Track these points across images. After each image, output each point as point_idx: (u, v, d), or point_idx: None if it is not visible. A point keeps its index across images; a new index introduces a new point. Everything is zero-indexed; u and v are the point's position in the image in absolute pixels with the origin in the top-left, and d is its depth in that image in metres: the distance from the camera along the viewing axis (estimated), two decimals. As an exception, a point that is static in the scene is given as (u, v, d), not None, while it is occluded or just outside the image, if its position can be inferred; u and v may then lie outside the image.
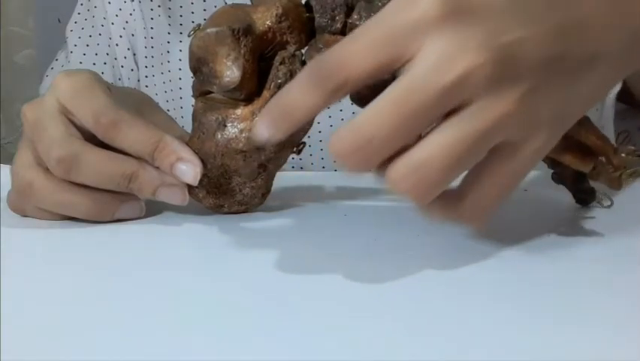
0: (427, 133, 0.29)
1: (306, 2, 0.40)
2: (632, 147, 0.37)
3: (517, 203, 0.46)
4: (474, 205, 0.31)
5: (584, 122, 0.37)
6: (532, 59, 0.29)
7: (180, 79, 0.69)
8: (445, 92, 0.28)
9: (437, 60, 0.28)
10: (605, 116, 0.70)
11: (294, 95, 0.30)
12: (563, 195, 0.44)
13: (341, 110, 0.67)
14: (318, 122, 0.42)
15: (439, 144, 0.29)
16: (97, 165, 0.39)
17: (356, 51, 0.29)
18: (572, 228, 0.40)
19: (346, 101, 0.38)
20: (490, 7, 0.29)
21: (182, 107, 0.69)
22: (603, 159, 0.38)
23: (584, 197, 0.44)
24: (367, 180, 0.54)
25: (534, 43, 0.29)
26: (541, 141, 0.31)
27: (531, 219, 0.42)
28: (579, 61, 0.31)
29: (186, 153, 0.39)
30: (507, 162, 0.31)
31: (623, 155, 0.37)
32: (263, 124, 0.31)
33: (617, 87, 0.65)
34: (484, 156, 0.30)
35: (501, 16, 0.29)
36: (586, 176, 0.42)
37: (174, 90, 0.70)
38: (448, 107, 0.29)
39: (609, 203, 0.43)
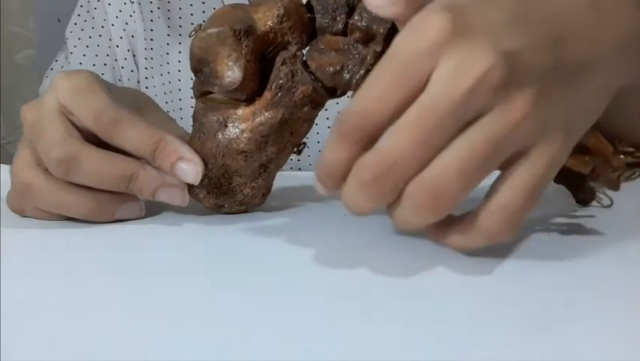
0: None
1: (307, 3, 0.40)
2: (631, 149, 0.37)
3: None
4: (501, 217, 0.31)
5: None
6: (534, 66, 0.30)
7: (180, 80, 0.69)
8: (459, 104, 0.29)
9: (450, 75, 0.29)
10: None
11: (327, 156, 0.32)
12: (563, 195, 0.44)
13: (339, 113, 0.68)
14: (317, 124, 0.42)
15: (452, 156, 0.29)
16: (96, 166, 0.39)
17: (374, 96, 0.30)
18: (572, 228, 0.40)
19: (344, 103, 0.38)
20: (492, 21, 0.30)
21: (181, 109, 0.69)
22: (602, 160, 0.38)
23: (584, 197, 0.44)
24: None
25: (534, 51, 0.30)
26: (558, 145, 0.31)
27: (531, 219, 0.42)
28: (573, 70, 0.32)
29: (187, 152, 0.39)
30: (527, 168, 0.31)
31: (621, 156, 0.37)
32: (317, 185, 0.34)
33: None
34: (498, 164, 0.31)
35: (502, 28, 0.30)
36: (586, 176, 0.43)
37: (173, 91, 0.70)
38: (464, 120, 0.30)
39: (609, 203, 0.43)
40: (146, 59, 0.70)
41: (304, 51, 0.39)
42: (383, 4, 0.32)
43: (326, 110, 0.69)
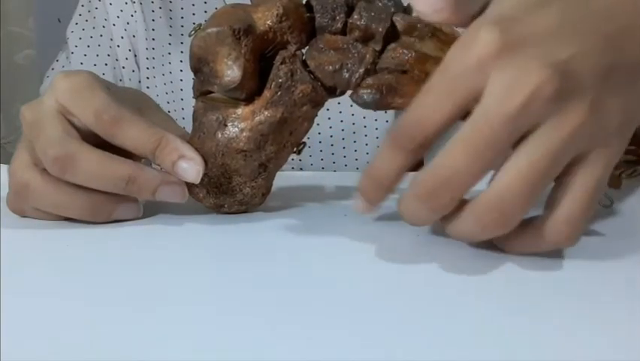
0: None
1: (306, 2, 0.40)
2: (632, 147, 0.37)
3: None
4: (567, 227, 0.32)
5: None
6: (588, 71, 0.30)
7: (181, 80, 0.69)
8: (512, 118, 0.29)
9: (503, 90, 0.30)
10: None
11: (379, 167, 0.33)
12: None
13: (340, 112, 0.68)
14: (318, 124, 0.42)
15: (514, 172, 0.30)
16: (93, 166, 0.39)
17: (429, 107, 0.31)
18: (572, 228, 0.40)
19: (345, 102, 0.38)
20: (541, 32, 0.31)
21: (183, 109, 0.69)
22: None
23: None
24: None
25: (586, 57, 0.31)
26: (613, 148, 0.32)
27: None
28: (630, 68, 0.32)
29: (188, 150, 0.39)
30: (587, 176, 0.31)
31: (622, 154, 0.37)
32: (359, 200, 0.34)
33: None
34: (558, 173, 0.31)
35: (552, 38, 0.31)
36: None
37: (175, 91, 0.70)
38: (517, 133, 0.30)
39: (609, 203, 0.43)
40: (147, 59, 0.70)
41: (304, 51, 0.39)
42: (428, 12, 0.33)
43: (327, 110, 0.69)
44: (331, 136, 0.68)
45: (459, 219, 0.32)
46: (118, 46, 0.71)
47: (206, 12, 0.69)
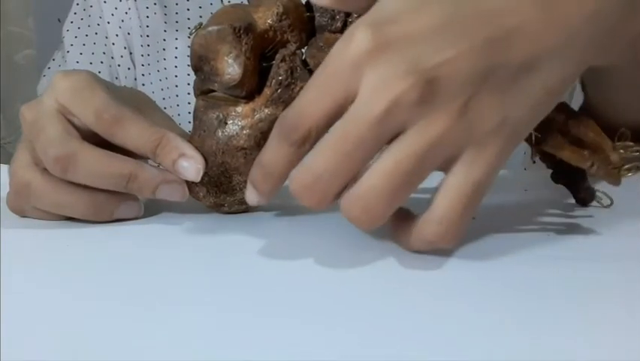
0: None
1: (306, 1, 0.40)
2: (630, 143, 0.37)
3: (517, 203, 0.46)
4: (439, 227, 0.32)
5: (583, 119, 0.37)
6: (461, 76, 0.30)
7: (176, 76, 0.69)
8: (377, 121, 0.30)
9: (369, 93, 0.30)
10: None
11: (267, 157, 0.34)
12: (563, 195, 0.44)
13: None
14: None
15: (380, 170, 0.31)
16: (94, 164, 0.39)
17: (310, 99, 0.32)
18: (572, 228, 0.40)
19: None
20: (417, 34, 0.30)
21: (178, 105, 0.69)
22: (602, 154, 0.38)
23: (584, 197, 0.44)
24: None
25: (461, 61, 0.30)
26: (494, 149, 0.31)
27: (531, 219, 0.42)
28: (514, 69, 0.31)
29: (188, 149, 0.39)
30: (459, 177, 0.32)
31: (621, 151, 0.37)
32: (250, 190, 0.35)
33: None
34: (426, 176, 0.32)
35: (427, 40, 0.30)
36: (585, 176, 0.42)
37: (170, 88, 0.70)
38: (385, 135, 0.31)
39: (609, 202, 0.43)
40: (142, 55, 0.70)
41: (304, 50, 0.39)
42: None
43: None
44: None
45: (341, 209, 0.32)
46: (113, 44, 0.71)
47: (200, 8, 0.68)
